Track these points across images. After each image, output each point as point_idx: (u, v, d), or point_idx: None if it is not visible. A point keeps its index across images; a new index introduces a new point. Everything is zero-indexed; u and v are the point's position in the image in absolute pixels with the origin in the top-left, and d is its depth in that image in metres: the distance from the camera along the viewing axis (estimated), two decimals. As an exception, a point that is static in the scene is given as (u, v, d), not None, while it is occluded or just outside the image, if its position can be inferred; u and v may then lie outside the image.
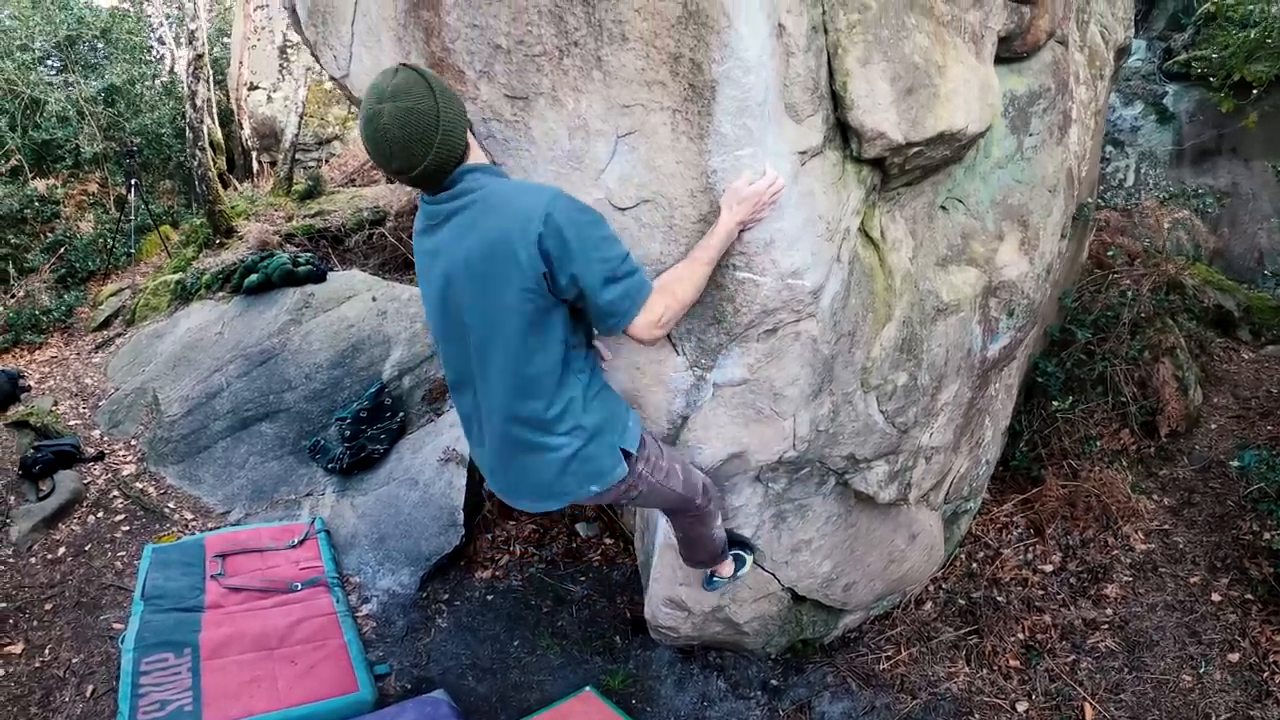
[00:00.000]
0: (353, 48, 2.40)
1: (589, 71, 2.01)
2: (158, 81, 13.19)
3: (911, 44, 2.38)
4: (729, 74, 1.92)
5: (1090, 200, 4.39)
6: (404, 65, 1.83)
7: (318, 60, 2.50)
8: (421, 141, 1.79)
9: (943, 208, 2.88)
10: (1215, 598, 3.63)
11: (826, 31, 2.21)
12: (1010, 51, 3.00)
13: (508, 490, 2.21)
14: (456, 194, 1.89)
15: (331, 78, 2.50)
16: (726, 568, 2.95)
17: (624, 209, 2.13)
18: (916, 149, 2.43)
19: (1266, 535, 3.70)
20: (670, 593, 3.22)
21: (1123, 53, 4.50)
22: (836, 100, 2.25)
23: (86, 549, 4.76)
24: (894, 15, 2.34)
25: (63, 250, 9.84)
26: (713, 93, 1.94)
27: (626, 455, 2.14)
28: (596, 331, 2.11)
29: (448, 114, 1.82)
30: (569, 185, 2.14)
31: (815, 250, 2.22)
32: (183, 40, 11.51)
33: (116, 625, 4.09)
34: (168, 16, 13.39)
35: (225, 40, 14.20)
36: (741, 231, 2.09)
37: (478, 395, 2.08)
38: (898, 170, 2.49)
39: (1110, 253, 4.98)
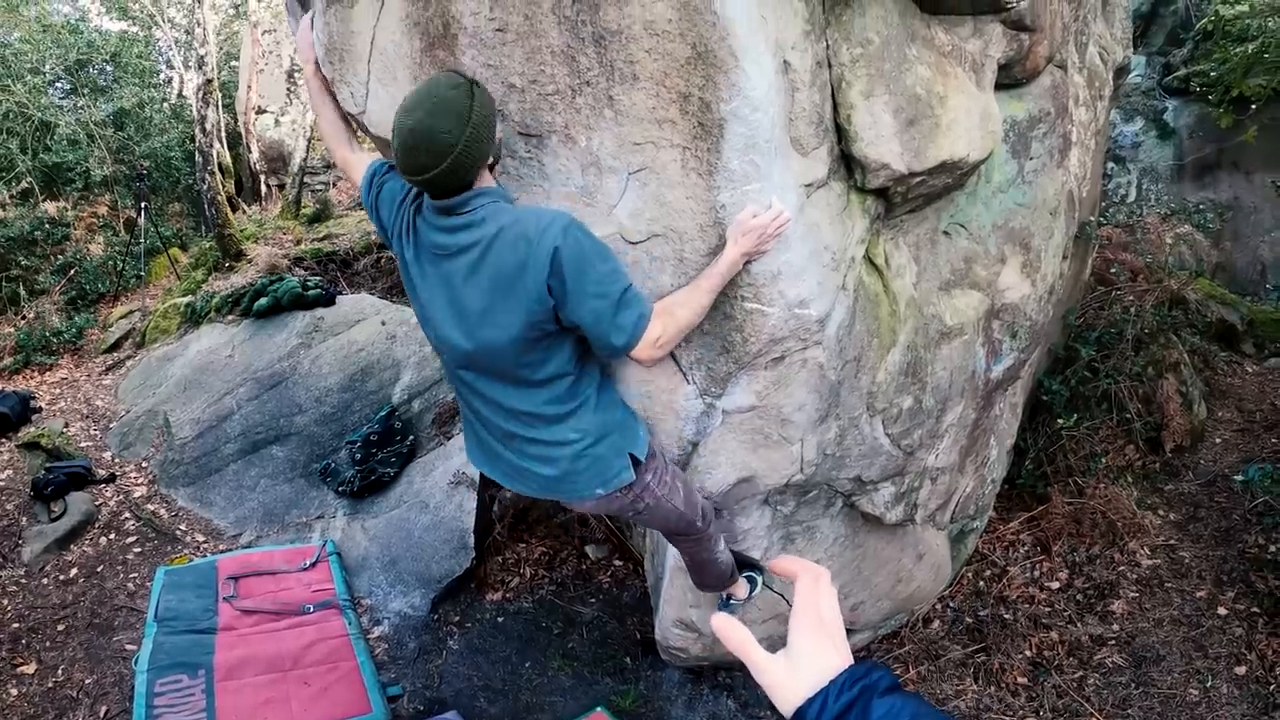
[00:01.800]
0: (369, 84, 2.46)
1: (601, 110, 2.07)
2: (166, 105, 13.31)
3: (913, 75, 2.44)
4: (736, 112, 1.98)
5: (1092, 219, 4.43)
6: (462, 75, 1.91)
7: (334, 95, 2.56)
8: (447, 135, 1.82)
9: (945, 233, 2.92)
10: (1221, 612, 3.65)
11: (830, 66, 2.27)
12: (1010, 78, 3.04)
13: (507, 476, 2.30)
14: (470, 223, 1.94)
15: (348, 113, 2.55)
16: (741, 589, 2.98)
17: (635, 243, 2.18)
18: (919, 178, 2.48)
19: (1272, 549, 3.72)
20: (680, 614, 3.25)
21: (1122, 72, 4.55)
22: (841, 133, 2.31)
23: (98, 570, 4.79)
24: (896, 48, 2.39)
25: (73, 272, 9.92)
26: (721, 130, 2.00)
27: (635, 463, 2.21)
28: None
29: (480, 121, 1.86)
30: (581, 220, 2.19)
31: (821, 280, 2.27)
32: (191, 64, 11.63)
33: (129, 646, 4.11)
34: (176, 41, 13.53)
35: (233, 64, 14.34)
36: (749, 263, 2.14)
37: (485, 395, 2.16)
38: (901, 199, 2.54)
39: (1113, 269, 5.02)
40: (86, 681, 3.92)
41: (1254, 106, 6.91)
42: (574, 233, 1.89)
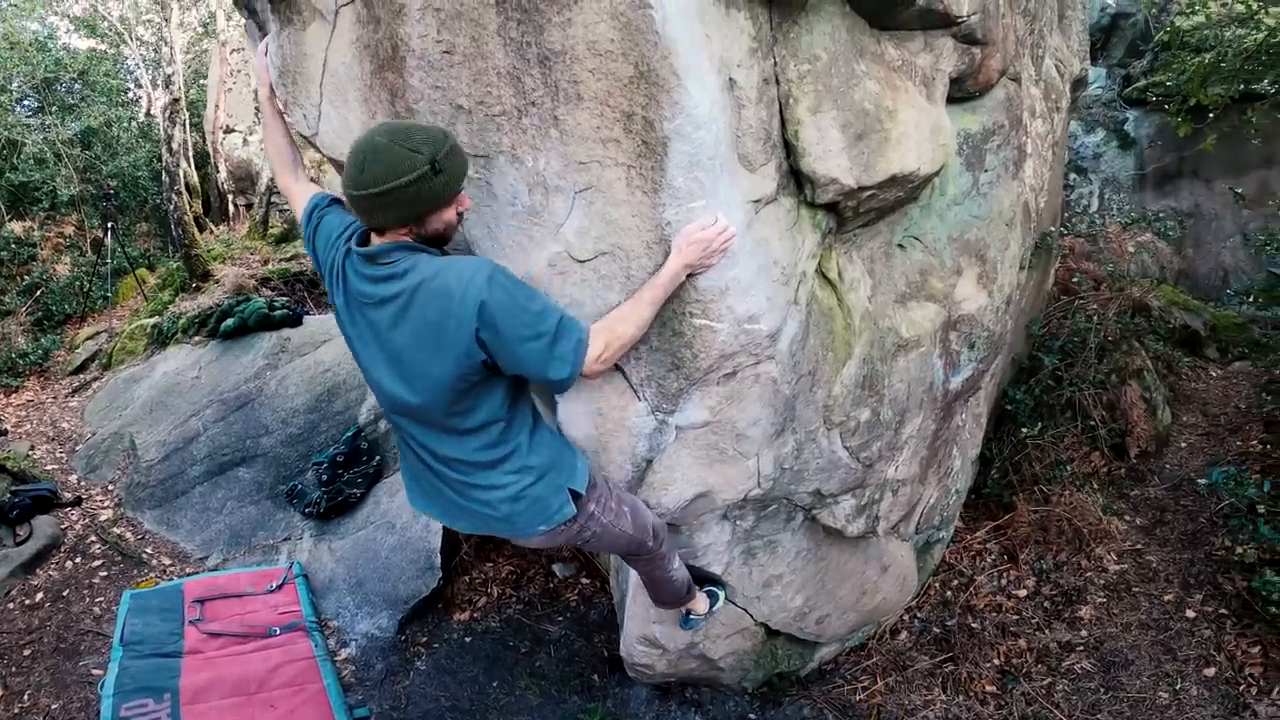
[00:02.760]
0: (321, 107, 2.46)
1: (546, 130, 2.07)
2: (134, 124, 13.20)
3: (862, 91, 2.46)
4: (680, 130, 1.99)
5: (1054, 229, 4.48)
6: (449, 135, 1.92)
7: (288, 117, 2.55)
8: (411, 153, 1.81)
9: (900, 246, 2.94)
10: (1189, 614, 3.67)
11: (778, 82, 2.28)
12: (963, 91, 3.07)
13: (448, 515, 2.31)
14: (392, 274, 1.93)
15: (301, 135, 2.55)
16: (701, 604, 2.98)
17: (583, 261, 2.18)
18: (869, 192, 2.49)
19: (1238, 550, 3.74)
20: (645, 630, 3.23)
21: (1079, 84, 4.61)
22: (789, 148, 2.32)
23: (64, 594, 4.73)
24: (844, 64, 2.41)
25: (39, 293, 9.81)
26: (665, 148, 2.01)
27: (575, 497, 2.21)
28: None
29: (446, 160, 1.85)
30: (529, 240, 2.20)
31: (771, 295, 2.28)
32: (159, 83, 11.55)
33: (95, 671, 4.06)
34: (144, 59, 13.43)
35: (201, 82, 14.24)
36: (695, 277, 2.15)
37: (419, 440, 2.17)
38: (852, 213, 2.56)
39: (1076, 279, 5.07)
40: (53, 707, 3.87)
41: (1212, 115, 7.01)
42: (499, 280, 1.89)
